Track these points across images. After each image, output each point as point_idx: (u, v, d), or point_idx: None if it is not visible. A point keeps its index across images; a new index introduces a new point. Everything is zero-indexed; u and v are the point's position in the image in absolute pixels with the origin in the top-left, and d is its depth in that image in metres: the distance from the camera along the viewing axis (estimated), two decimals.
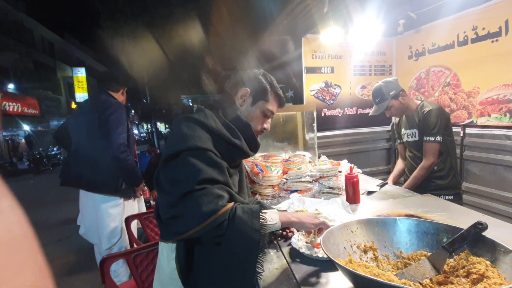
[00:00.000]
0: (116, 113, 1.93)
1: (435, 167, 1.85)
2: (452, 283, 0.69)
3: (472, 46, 2.46)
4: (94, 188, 2.00)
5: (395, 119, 2.19)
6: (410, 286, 0.65)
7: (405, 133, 1.99)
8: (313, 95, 3.19)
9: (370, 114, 2.02)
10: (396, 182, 2.07)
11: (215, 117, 1.02)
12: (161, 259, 1.00)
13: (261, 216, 0.87)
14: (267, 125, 1.14)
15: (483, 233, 0.75)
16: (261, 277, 0.85)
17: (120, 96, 2.15)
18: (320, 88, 3.21)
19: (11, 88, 14.56)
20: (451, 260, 0.77)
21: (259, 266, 0.84)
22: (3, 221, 0.19)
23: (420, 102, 1.91)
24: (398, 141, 2.16)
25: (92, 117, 1.94)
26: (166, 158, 0.93)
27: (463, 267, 0.72)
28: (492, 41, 2.30)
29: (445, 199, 1.75)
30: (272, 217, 0.91)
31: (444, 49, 2.72)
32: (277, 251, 1.05)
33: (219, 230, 0.83)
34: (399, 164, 2.16)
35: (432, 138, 1.78)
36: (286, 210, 1.33)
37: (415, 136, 1.91)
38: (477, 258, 0.72)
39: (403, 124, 2.03)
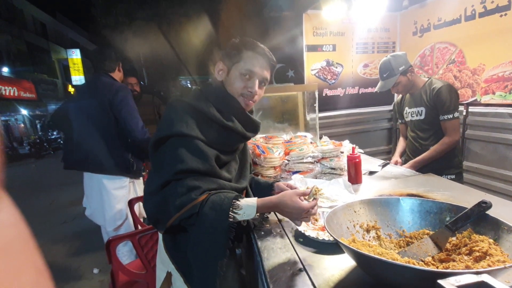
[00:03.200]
0: (127, 99, 1.97)
1: (431, 147, 1.83)
2: (454, 261, 0.70)
3: (480, 21, 2.36)
4: (103, 170, 1.99)
5: (397, 98, 2.14)
6: (414, 264, 0.66)
7: (409, 112, 1.95)
8: (314, 74, 3.12)
9: (375, 90, 1.96)
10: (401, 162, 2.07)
11: (208, 100, 1.00)
12: (161, 239, 1.04)
13: (230, 215, 0.85)
14: (250, 85, 1.00)
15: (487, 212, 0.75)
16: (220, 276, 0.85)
17: (117, 74, 2.12)
18: (322, 67, 3.13)
19: (5, 71, 14.28)
20: (454, 238, 0.77)
21: (220, 266, 0.83)
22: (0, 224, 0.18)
23: (427, 79, 1.86)
24: (400, 120, 2.14)
25: (100, 100, 1.92)
26: (153, 143, 0.95)
27: (466, 245, 0.72)
28: (501, 15, 2.21)
29: (447, 178, 1.76)
30: (247, 213, 0.88)
31: (451, 24, 2.62)
32: (280, 230, 1.06)
33: (190, 221, 0.86)
34: (402, 143, 2.14)
35: (450, 116, 1.73)
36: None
37: (421, 115, 1.87)
38: (480, 236, 0.72)
39: (406, 102, 1.99)
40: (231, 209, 0.86)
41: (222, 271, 0.85)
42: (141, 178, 2.32)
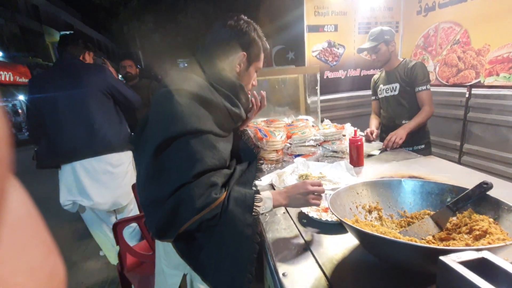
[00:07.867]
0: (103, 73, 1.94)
1: (404, 121, 1.94)
2: (454, 239, 0.72)
3: (486, 0, 2.30)
4: (111, 149, 1.95)
5: (374, 76, 2.23)
6: (416, 242, 0.68)
7: (383, 89, 2.07)
8: (315, 56, 3.06)
9: (360, 47, 2.03)
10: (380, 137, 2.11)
11: (210, 86, 0.90)
12: (162, 249, 0.99)
13: (254, 209, 0.84)
14: (255, 79, 1.08)
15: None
16: (252, 275, 0.83)
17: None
18: (323, 48, 3.07)
19: (0, 56, 13.99)
20: (454, 218, 0.79)
21: (252, 260, 0.82)
22: (6, 201, 0.19)
23: (402, 59, 1.98)
24: (373, 97, 2.25)
25: (90, 83, 1.85)
26: (159, 144, 0.80)
27: (466, 224, 0.74)
28: None
29: (418, 148, 1.95)
30: (266, 206, 0.91)
31: (456, 3, 2.54)
32: (283, 212, 1.09)
33: (211, 221, 0.81)
34: (374, 119, 2.22)
35: (425, 87, 1.87)
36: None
37: (395, 91, 1.99)
38: (480, 215, 0.74)
39: (381, 80, 2.11)
40: (255, 201, 0.85)
41: (254, 266, 0.82)
42: None
